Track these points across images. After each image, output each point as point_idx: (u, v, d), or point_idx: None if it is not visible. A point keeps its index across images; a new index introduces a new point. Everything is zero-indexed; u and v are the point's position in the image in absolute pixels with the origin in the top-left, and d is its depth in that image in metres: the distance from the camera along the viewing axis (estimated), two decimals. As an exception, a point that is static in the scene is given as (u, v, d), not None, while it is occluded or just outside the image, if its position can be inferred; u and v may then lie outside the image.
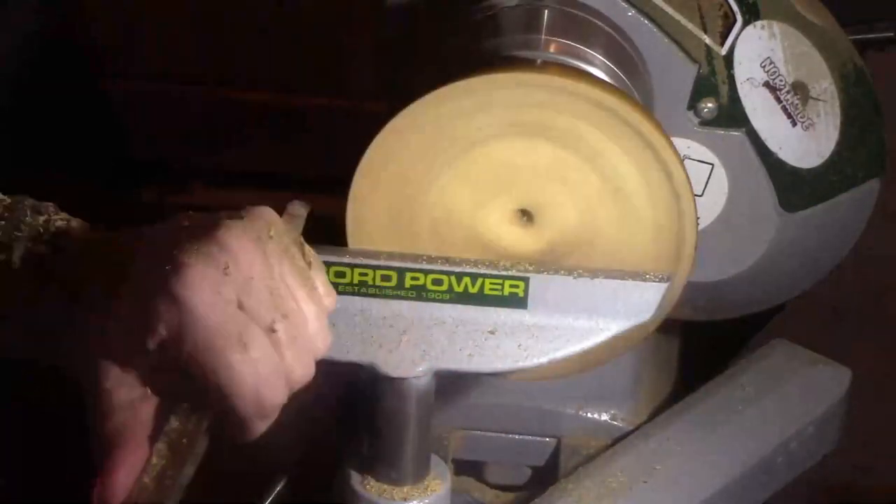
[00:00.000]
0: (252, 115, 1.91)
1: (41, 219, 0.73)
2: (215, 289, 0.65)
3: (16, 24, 1.47)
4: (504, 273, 0.82)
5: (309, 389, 0.70)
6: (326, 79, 1.85)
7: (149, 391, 0.68)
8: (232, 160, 1.91)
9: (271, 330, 0.67)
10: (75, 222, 0.75)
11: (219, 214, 0.69)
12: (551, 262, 0.83)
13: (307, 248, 0.74)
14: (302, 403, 0.71)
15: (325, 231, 0.87)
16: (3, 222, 0.72)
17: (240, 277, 0.66)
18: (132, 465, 0.66)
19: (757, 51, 0.96)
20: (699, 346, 1.15)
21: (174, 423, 0.67)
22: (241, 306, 0.66)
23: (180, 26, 1.86)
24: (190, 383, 0.66)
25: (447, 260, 0.82)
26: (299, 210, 0.78)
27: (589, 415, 1.04)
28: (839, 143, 0.98)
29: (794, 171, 0.98)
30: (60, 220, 0.74)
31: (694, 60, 0.95)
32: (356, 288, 0.81)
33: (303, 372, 0.69)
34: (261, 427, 0.68)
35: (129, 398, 0.67)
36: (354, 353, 0.80)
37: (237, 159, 1.91)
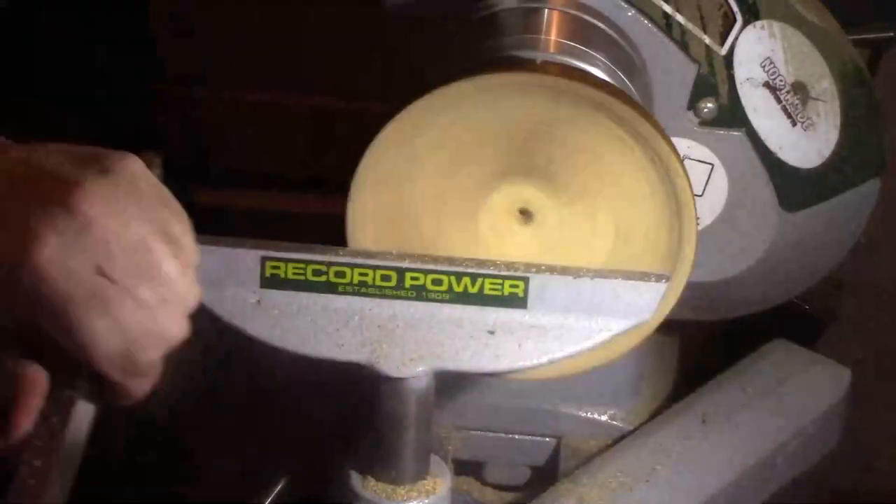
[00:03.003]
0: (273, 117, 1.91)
1: None
2: (68, 256, 0.64)
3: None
4: (504, 273, 0.82)
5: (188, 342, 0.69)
6: (327, 80, 1.85)
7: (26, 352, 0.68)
8: (250, 160, 1.92)
9: (137, 292, 0.65)
10: None
11: (79, 165, 0.66)
12: (551, 261, 0.83)
13: (171, 199, 0.71)
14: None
15: (325, 231, 0.87)
16: None
17: (94, 243, 0.64)
18: (29, 413, 0.67)
19: (757, 51, 0.96)
20: (699, 346, 1.16)
21: (51, 389, 0.67)
22: (100, 271, 0.65)
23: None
24: (56, 349, 0.65)
25: (447, 260, 0.82)
26: (154, 159, 0.75)
27: (589, 415, 1.04)
28: (839, 143, 0.98)
29: (794, 171, 0.98)
30: None
31: (694, 60, 0.95)
32: (356, 288, 0.81)
33: (177, 329, 0.68)
34: (141, 387, 0.68)
35: (9, 356, 0.68)
36: (354, 353, 0.80)
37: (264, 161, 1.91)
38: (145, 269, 0.66)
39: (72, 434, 0.67)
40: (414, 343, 0.80)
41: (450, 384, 0.98)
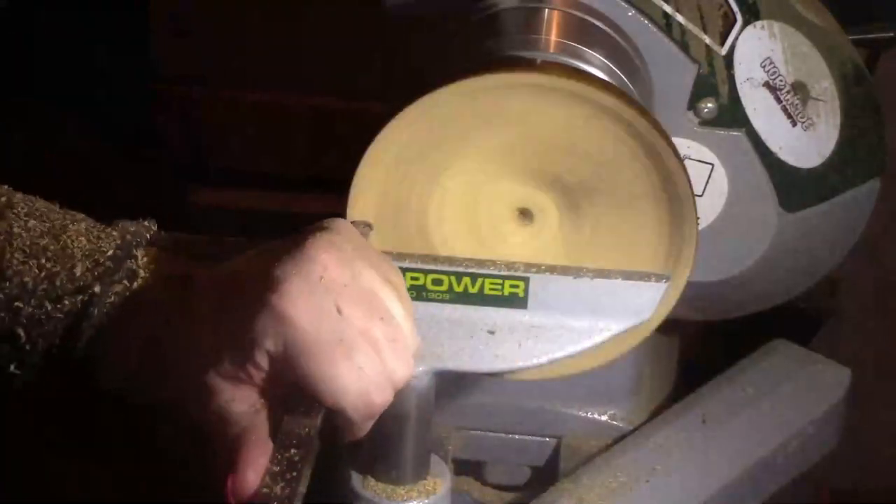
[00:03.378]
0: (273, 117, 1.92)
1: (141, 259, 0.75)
2: (314, 300, 0.67)
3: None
4: (504, 273, 0.82)
5: None
6: (327, 80, 1.85)
7: (264, 401, 0.70)
8: (251, 160, 1.92)
9: (371, 334, 0.69)
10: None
11: (304, 229, 0.72)
12: (551, 261, 0.83)
13: (380, 253, 0.76)
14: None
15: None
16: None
17: (334, 286, 0.68)
18: (259, 464, 0.68)
19: (757, 51, 0.96)
20: (699, 346, 1.16)
21: (289, 429, 0.68)
22: (339, 314, 0.68)
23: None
24: (301, 391, 0.68)
25: (447, 260, 0.82)
26: (367, 228, 0.81)
27: (589, 415, 1.04)
28: (839, 143, 0.98)
29: (794, 171, 0.98)
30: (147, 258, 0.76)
31: (694, 60, 0.95)
32: (356, 288, 0.81)
33: (404, 370, 0.71)
34: (367, 427, 0.71)
35: (247, 409, 0.70)
36: (354, 353, 0.80)
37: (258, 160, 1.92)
38: (378, 312, 0.70)
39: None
40: (414, 343, 0.80)
41: (450, 384, 0.98)
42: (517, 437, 1.05)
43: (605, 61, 0.89)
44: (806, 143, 0.97)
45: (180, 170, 1.87)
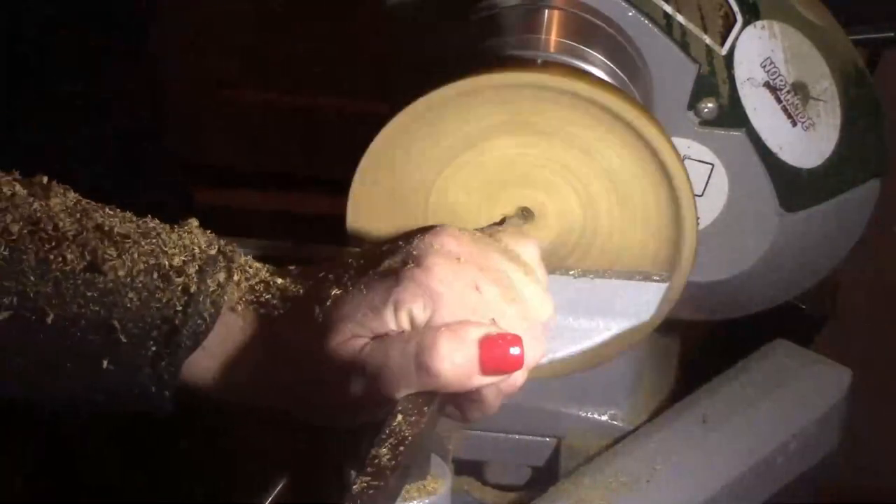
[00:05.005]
0: (265, 115, 1.92)
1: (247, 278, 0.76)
2: (457, 278, 0.70)
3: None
4: (504, 273, 0.81)
5: None
6: (329, 79, 1.85)
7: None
8: (250, 160, 1.92)
9: (506, 313, 0.71)
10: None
11: (419, 229, 0.75)
12: (552, 261, 0.83)
13: (512, 235, 0.79)
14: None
15: (325, 231, 0.87)
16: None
17: (473, 267, 0.71)
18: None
19: (757, 51, 0.96)
20: (699, 346, 1.15)
21: (408, 403, 0.69)
22: (478, 291, 0.70)
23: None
24: None
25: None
26: (525, 212, 0.84)
27: (589, 415, 1.04)
28: (839, 143, 0.98)
29: (794, 171, 0.98)
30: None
31: (694, 60, 0.95)
32: (356, 288, 0.81)
33: (539, 350, 0.72)
34: (497, 407, 0.73)
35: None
36: (354, 353, 0.80)
37: (256, 159, 1.92)
38: (510, 292, 0.72)
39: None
40: (414, 343, 0.80)
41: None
42: (517, 437, 1.05)
43: (606, 61, 0.89)
44: (806, 143, 0.97)
45: (180, 170, 1.87)
